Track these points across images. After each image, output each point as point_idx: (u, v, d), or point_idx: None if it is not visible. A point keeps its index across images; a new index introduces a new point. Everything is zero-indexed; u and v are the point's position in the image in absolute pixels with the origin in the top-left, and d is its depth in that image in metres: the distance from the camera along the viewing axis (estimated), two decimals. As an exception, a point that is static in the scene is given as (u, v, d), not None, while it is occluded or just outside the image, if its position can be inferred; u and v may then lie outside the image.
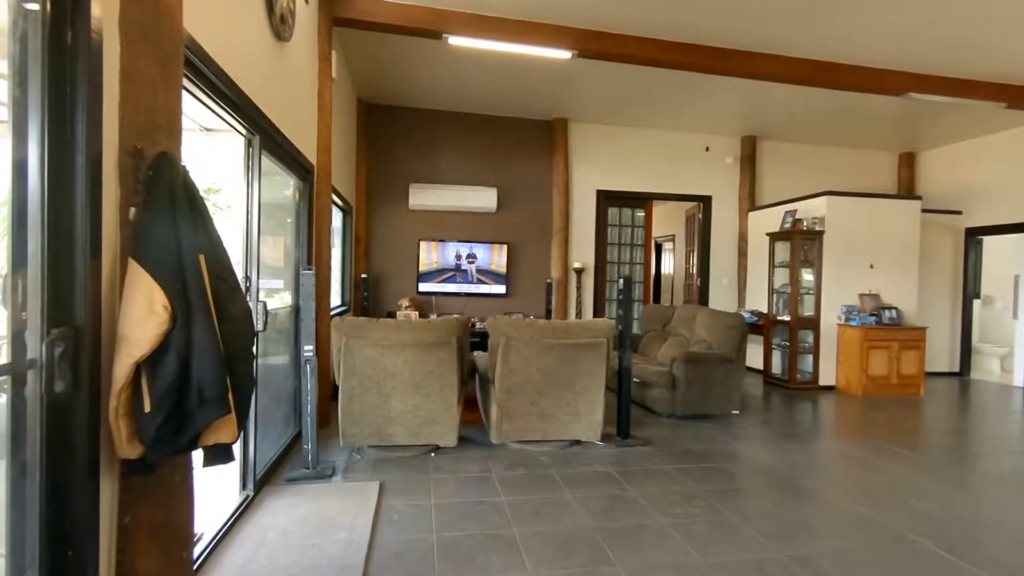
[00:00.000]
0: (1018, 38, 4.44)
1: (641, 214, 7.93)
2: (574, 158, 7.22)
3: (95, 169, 1.31)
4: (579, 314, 7.22)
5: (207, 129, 3.77)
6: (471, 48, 4.67)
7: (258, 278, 2.82)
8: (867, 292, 6.38)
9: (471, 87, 6.04)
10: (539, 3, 4.17)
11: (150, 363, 1.36)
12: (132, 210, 1.45)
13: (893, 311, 6.26)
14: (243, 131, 2.67)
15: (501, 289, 6.95)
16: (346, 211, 6.03)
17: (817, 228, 6.32)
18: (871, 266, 6.41)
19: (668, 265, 10.84)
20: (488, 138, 6.98)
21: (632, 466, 3.55)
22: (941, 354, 7.44)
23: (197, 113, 3.07)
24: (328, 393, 4.27)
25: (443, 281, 6.82)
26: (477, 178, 6.93)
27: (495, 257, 6.92)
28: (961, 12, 4.07)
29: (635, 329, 7.12)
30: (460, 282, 6.85)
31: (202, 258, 1.46)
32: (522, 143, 7.08)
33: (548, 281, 6.96)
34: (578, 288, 7.23)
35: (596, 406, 3.75)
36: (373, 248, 6.71)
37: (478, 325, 6.13)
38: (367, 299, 6.30)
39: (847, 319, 6.23)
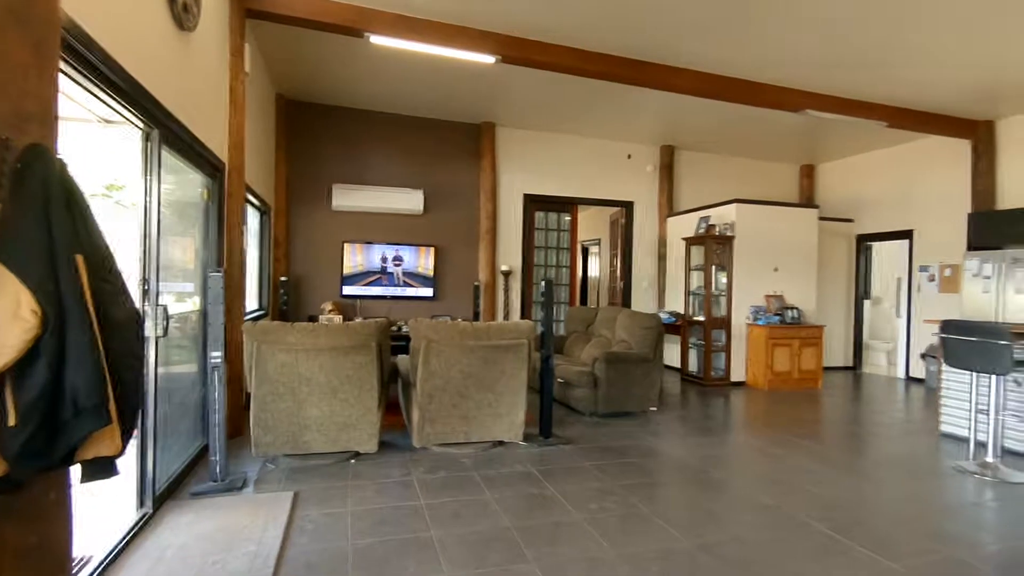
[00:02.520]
0: (894, 65, 4.93)
1: (567, 218, 8.11)
2: (501, 162, 7.29)
3: (-52, 159, 1.19)
4: (507, 316, 7.28)
5: (106, 121, 3.51)
6: (396, 48, 4.61)
7: (158, 280, 2.65)
8: (772, 293, 6.85)
9: (397, 87, 5.96)
10: (464, 7, 4.19)
11: (15, 371, 1.25)
12: (-5, 205, 1.32)
13: (795, 311, 6.76)
14: (140, 124, 2.50)
15: (428, 292, 6.89)
16: (264, 211, 5.78)
17: (728, 233, 6.72)
18: (776, 269, 6.89)
19: (594, 268, 11.15)
20: (415, 139, 6.92)
21: (552, 465, 3.63)
22: (837, 350, 8.11)
23: (93, 104, 2.85)
24: (241, 402, 4.08)
25: (368, 284, 6.67)
26: (404, 180, 6.85)
27: (422, 260, 6.85)
28: (849, 41, 4.48)
29: (561, 331, 7.28)
30: (386, 285, 6.74)
31: (80, 258, 1.36)
32: (449, 146, 7.06)
33: (476, 284, 6.98)
34: (506, 291, 7.29)
35: (517, 407, 3.80)
36: (293, 250, 6.46)
37: (404, 328, 6.05)
38: (286, 303, 6.06)
39: (755, 319, 6.66)
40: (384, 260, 6.72)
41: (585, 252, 11.37)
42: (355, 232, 6.67)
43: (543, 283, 4.15)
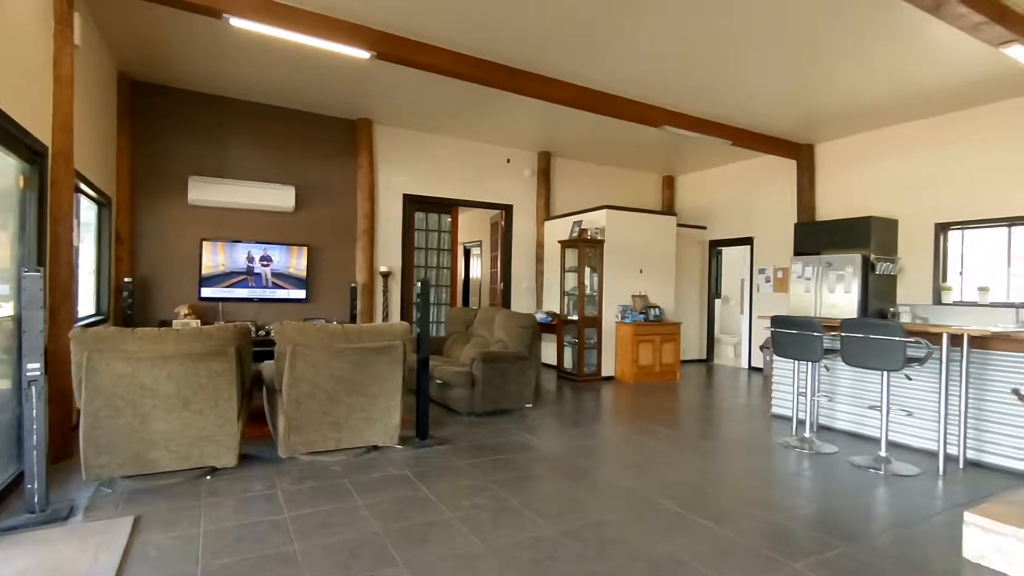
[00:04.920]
0: (730, 94, 5.58)
1: (448, 219, 8.12)
2: (380, 160, 7.12)
3: None
4: (386, 318, 7.13)
5: None
6: (262, 34, 4.33)
7: (-48, 281, 2.25)
8: (637, 293, 7.40)
9: (265, 76, 5.59)
10: (334, -2, 4.05)
11: None
12: None
13: (657, 309, 7.36)
14: (-75, 95, 2.11)
15: (301, 294, 6.55)
16: (103, 204, 5.13)
17: (599, 237, 7.15)
18: (641, 271, 7.46)
19: (476, 269, 11.28)
20: (286, 132, 6.54)
21: (427, 466, 3.62)
22: (692, 345, 8.97)
23: None
24: (70, 421, 3.59)
25: (232, 286, 6.18)
26: (273, 175, 6.44)
27: (293, 260, 6.49)
28: (693, 69, 4.98)
29: (442, 332, 7.28)
30: (253, 287, 6.28)
31: None
32: (324, 141, 6.77)
33: (352, 285, 6.74)
34: (385, 292, 7.13)
35: (392, 410, 3.74)
36: (140, 248, 5.80)
37: (272, 333, 5.68)
38: (131, 307, 5.42)
39: (622, 317, 7.15)
40: (251, 260, 6.27)
41: (467, 253, 11.47)
42: (216, 229, 6.15)
43: (418, 284, 4.12)
